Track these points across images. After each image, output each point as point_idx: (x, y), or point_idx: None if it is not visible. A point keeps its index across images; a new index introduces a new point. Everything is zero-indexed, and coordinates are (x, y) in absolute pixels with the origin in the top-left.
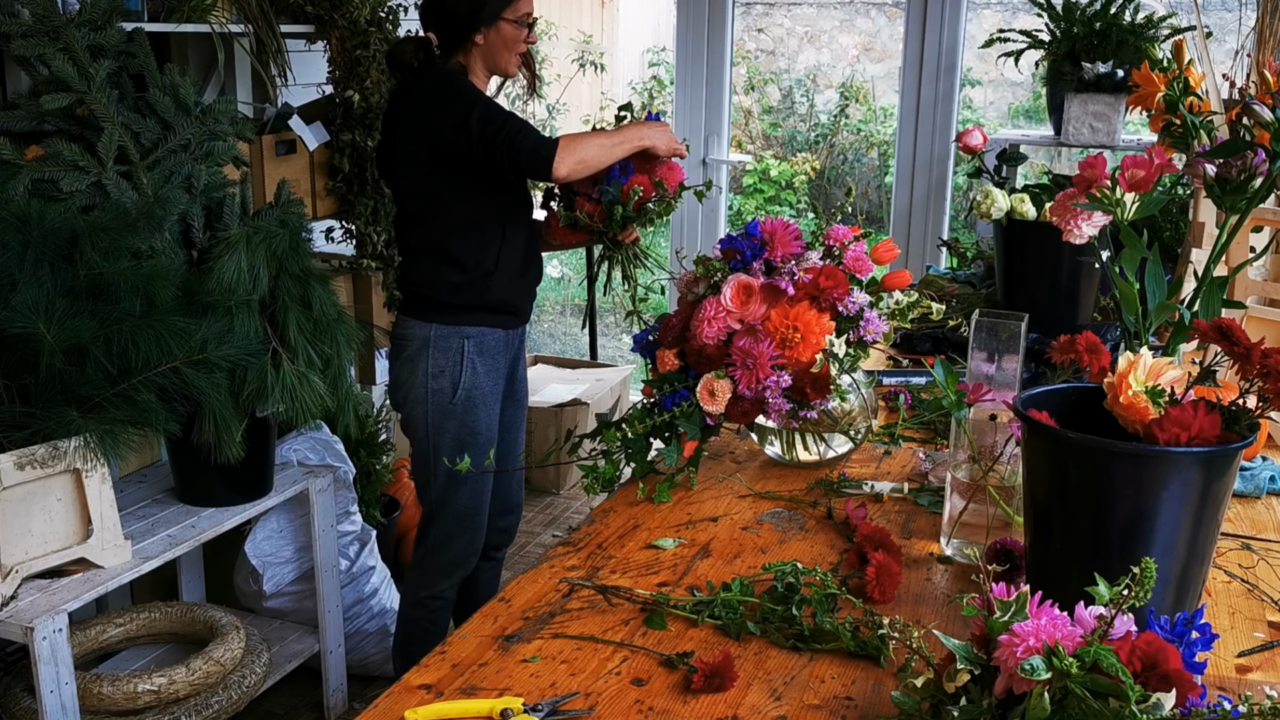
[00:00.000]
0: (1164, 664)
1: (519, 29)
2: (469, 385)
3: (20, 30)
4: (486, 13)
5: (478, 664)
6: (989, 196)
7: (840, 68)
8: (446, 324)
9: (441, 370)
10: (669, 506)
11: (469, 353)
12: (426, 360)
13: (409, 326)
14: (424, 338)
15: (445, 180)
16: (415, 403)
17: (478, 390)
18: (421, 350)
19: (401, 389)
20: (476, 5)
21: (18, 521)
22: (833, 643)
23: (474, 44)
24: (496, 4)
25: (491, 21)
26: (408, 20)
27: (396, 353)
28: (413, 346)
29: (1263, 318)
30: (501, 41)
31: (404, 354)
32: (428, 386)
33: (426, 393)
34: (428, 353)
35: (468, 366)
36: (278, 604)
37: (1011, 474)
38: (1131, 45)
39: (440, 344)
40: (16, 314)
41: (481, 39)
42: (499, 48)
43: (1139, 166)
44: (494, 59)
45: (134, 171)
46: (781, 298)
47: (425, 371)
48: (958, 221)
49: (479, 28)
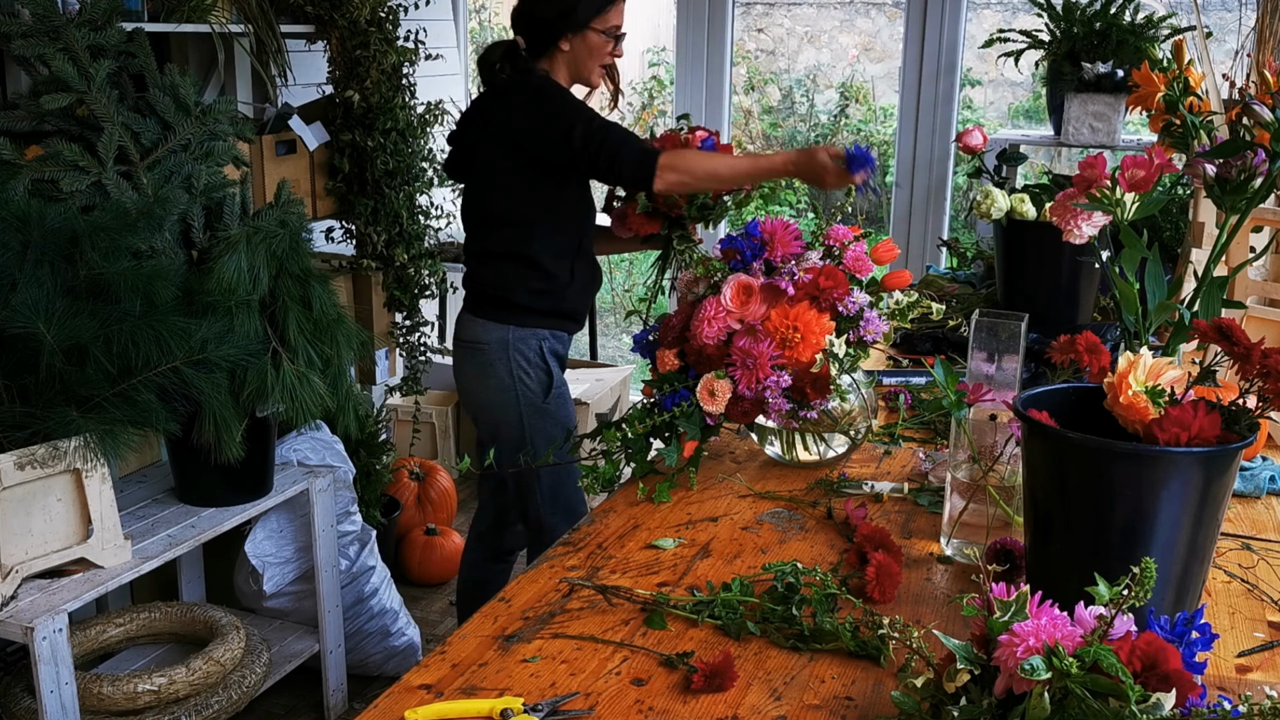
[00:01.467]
0: (1164, 664)
1: (606, 40)
2: (558, 384)
3: (20, 30)
4: (575, 19)
5: (478, 664)
6: (989, 196)
7: (840, 68)
8: (523, 326)
9: (526, 372)
10: (669, 506)
11: (548, 354)
12: (509, 362)
13: (483, 328)
14: (501, 340)
15: (537, 187)
16: (505, 406)
17: (564, 387)
18: (500, 352)
19: (483, 390)
20: (565, 10)
21: (18, 521)
22: (833, 643)
23: (559, 50)
24: (586, 12)
25: (579, 29)
26: (408, 20)
27: (466, 354)
28: (490, 349)
29: (1263, 318)
30: (587, 50)
31: (479, 356)
32: (516, 390)
33: (517, 396)
34: (508, 354)
35: (551, 367)
36: (278, 604)
37: (1011, 474)
38: (1131, 45)
39: (519, 345)
40: (16, 314)
41: (567, 46)
42: (584, 56)
43: (1139, 166)
44: (579, 67)
45: (134, 171)
46: (781, 298)
47: (510, 374)
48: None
49: (566, 34)
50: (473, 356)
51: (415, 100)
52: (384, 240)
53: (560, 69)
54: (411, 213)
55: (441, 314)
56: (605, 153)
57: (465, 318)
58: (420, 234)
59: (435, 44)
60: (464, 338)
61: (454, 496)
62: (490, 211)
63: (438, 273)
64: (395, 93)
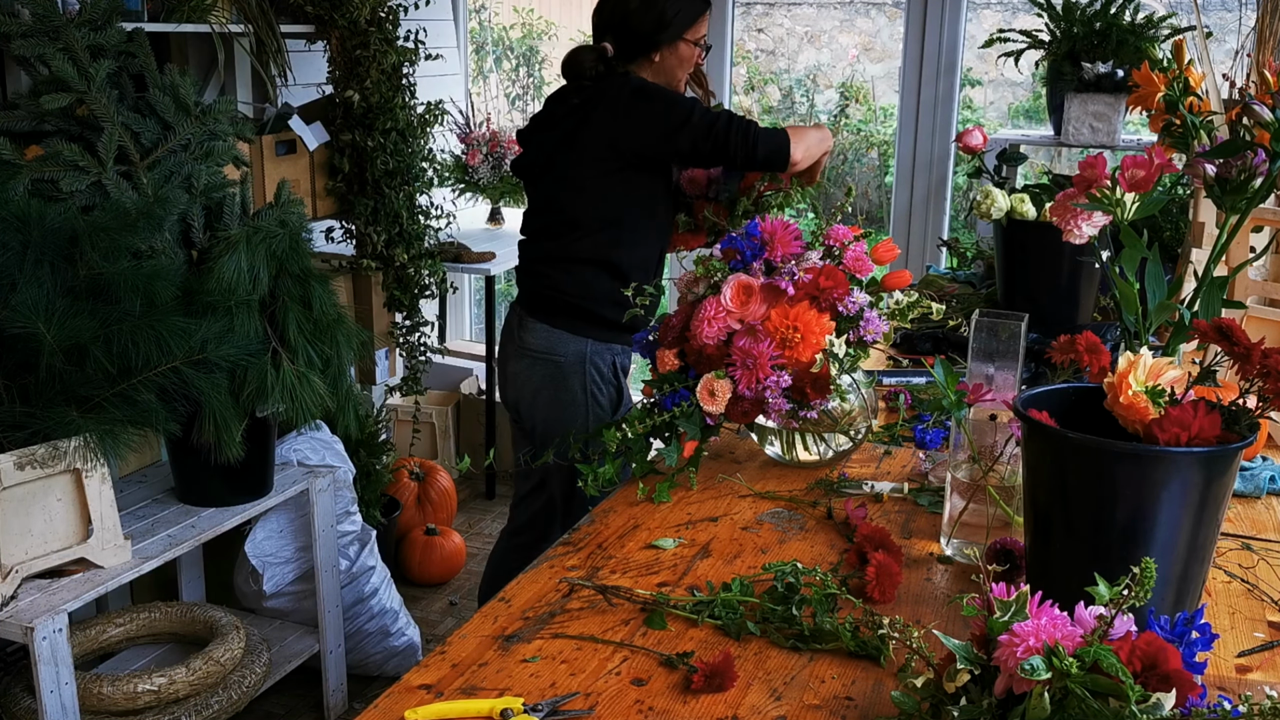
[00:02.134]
0: (1164, 664)
1: (695, 49)
2: (627, 400)
3: (20, 30)
4: (670, 32)
5: (478, 664)
6: (989, 196)
7: (840, 68)
8: (600, 341)
9: (599, 388)
10: (669, 506)
11: (619, 369)
12: (584, 377)
13: (560, 340)
14: (579, 353)
15: (634, 193)
16: (575, 422)
17: (630, 405)
18: (576, 366)
19: (552, 404)
20: (662, 24)
21: (18, 521)
22: (833, 643)
23: (651, 60)
24: (680, 25)
25: (673, 40)
26: (408, 20)
27: (536, 364)
28: (566, 362)
29: (1263, 318)
30: (678, 60)
31: (552, 369)
32: (588, 406)
33: (587, 411)
34: (584, 369)
35: (621, 382)
36: (278, 604)
37: (1011, 474)
38: (1131, 45)
39: (595, 360)
40: (16, 314)
41: (659, 56)
42: (674, 66)
43: (1139, 166)
44: (669, 76)
45: (134, 171)
46: (781, 298)
47: (584, 389)
48: (958, 221)
49: (660, 46)
50: (544, 368)
51: (415, 100)
52: (384, 240)
53: (648, 76)
54: (411, 213)
55: (441, 314)
56: (737, 131)
57: (533, 325)
58: (420, 234)
59: (435, 44)
60: (535, 347)
61: (454, 496)
62: (576, 216)
63: (438, 273)
64: (395, 93)
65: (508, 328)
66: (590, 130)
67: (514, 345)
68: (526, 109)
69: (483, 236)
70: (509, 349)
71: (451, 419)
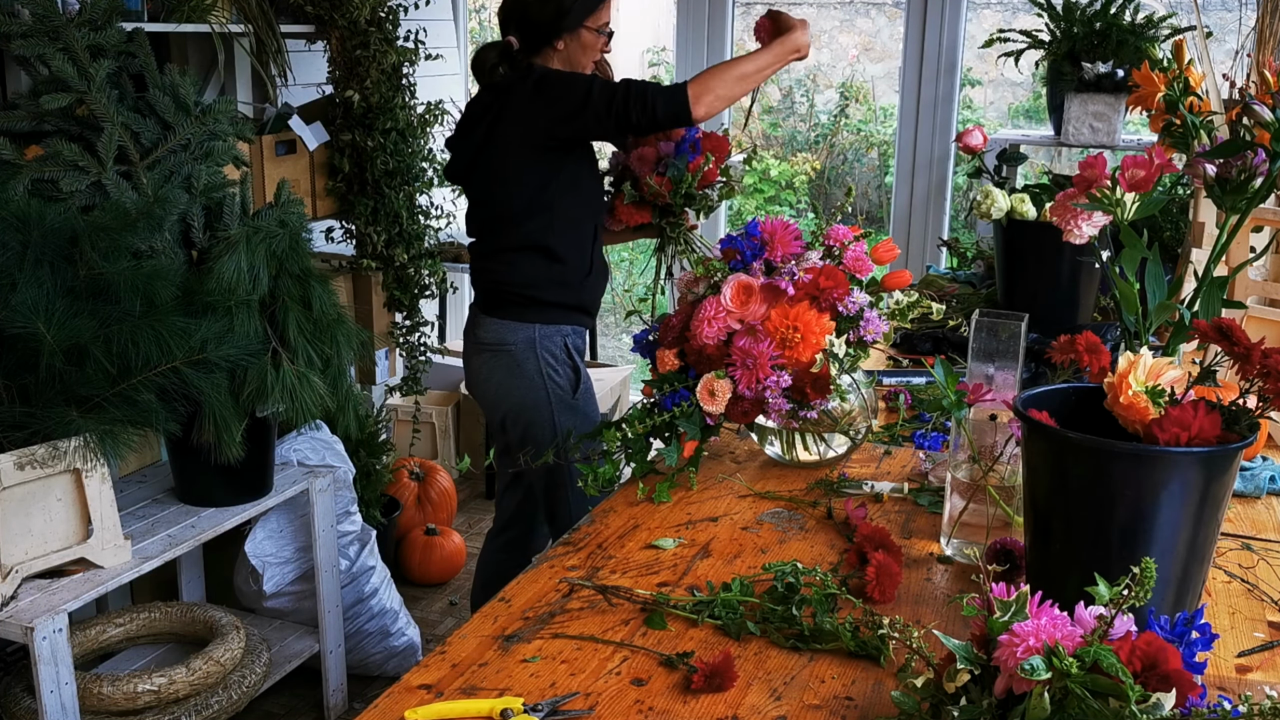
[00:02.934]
0: (1164, 664)
1: (598, 36)
2: (585, 379)
3: (20, 30)
4: (569, 20)
5: (478, 664)
6: (989, 196)
7: (840, 68)
8: (548, 324)
9: (554, 369)
10: (669, 506)
11: (571, 349)
12: (537, 361)
13: (508, 329)
14: (528, 339)
15: (557, 176)
16: (537, 406)
17: (589, 383)
18: (528, 352)
19: (512, 393)
20: (561, 12)
21: (18, 521)
22: (833, 643)
23: (554, 49)
24: (579, 12)
25: (574, 29)
26: (408, 20)
27: (490, 357)
28: (517, 349)
29: (1263, 318)
30: (580, 48)
31: (505, 358)
32: (547, 388)
33: (548, 394)
34: (536, 354)
35: (576, 362)
36: (278, 604)
37: (1011, 474)
38: (1131, 45)
39: (545, 344)
40: (16, 314)
41: (562, 45)
42: (578, 54)
43: (1139, 166)
44: (572, 64)
45: (134, 171)
46: (781, 298)
47: (540, 373)
48: (958, 221)
49: (561, 34)
50: (498, 359)
51: (415, 100)
52: (384, 240)
53: (554, 66)
54: (411, 213)
55: (441, 314)
56: (634, 99)
57: (484, 320)
58: (420, 234)
59: (435, 44)
60: (486, 341)
61: (454, 496)
62: (506, 208)
63: (438, 273)
64: (395, 93)
65: (466, 329)
66: (504, 125)
67: (471, 343)
68: None
69: None
70: (468, 348)
71: (451, 419)
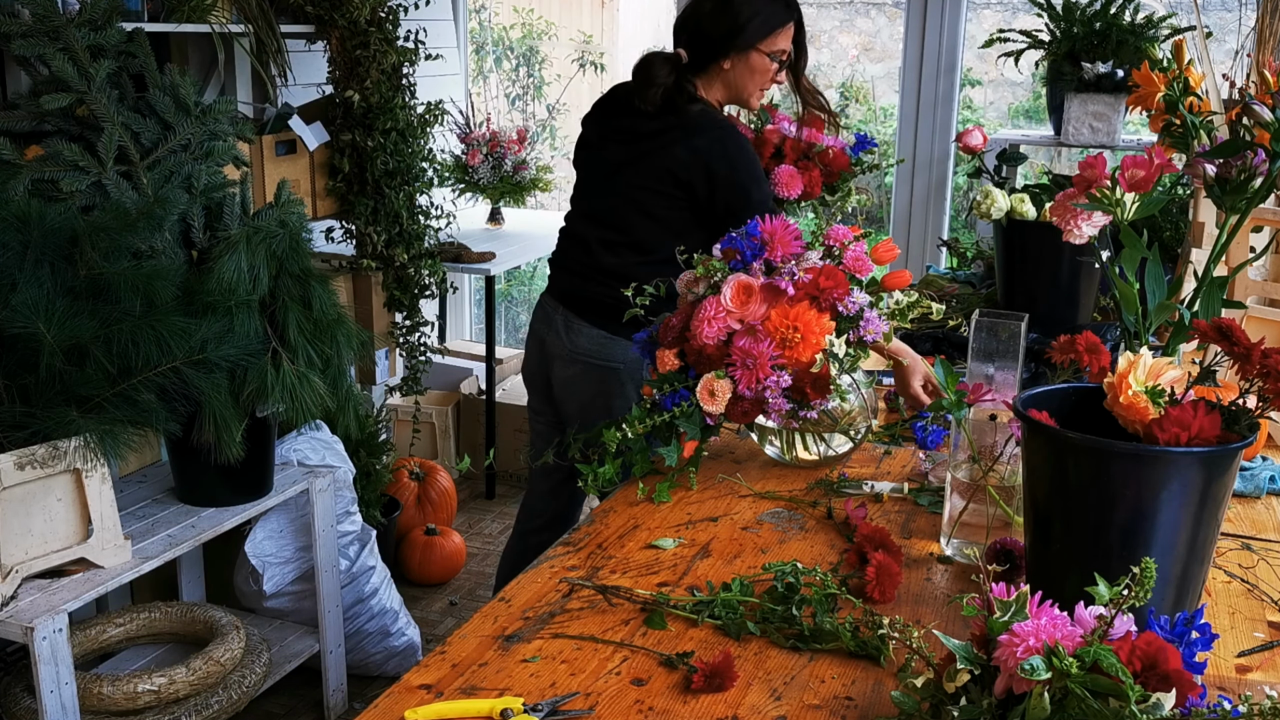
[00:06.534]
0: (1164, 664)
1: (770, 63)
2: None
3: (20, 30)
4: (742, 40)
5: (478, 664)
6: (989, 196)
7: (840, 68)
8: None
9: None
10: (669, 506)
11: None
12: (638, 382)
13: (621, 347)
14: (636, 360)
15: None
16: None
17: None
18: (634, 372)
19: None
20: (735, 29)
21: (18, 521)
22: (833, 643)
23: (720, 68)
24: (754, 33)
25: (744, 50)
26: (408, 20)
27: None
28: (625, 369)
29: (1263, 318)
30: (749, 71)
31: (611, 375)
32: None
33: None
34: (638, 375)
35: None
36: (278, 604)
37: (1011, 474)
38: (1131, 45)
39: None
40: (16, 314)
41: (729, 65)
42: (745, 77)
43: (1139, 166)
44: (738, 88)
45: (134, 171)
46: (781, 298)
47: (638, 393)
48: (958, 221)
49: (730, 53)
50: (600, 374)
51: (415, 100)
52: (384, 240)
53: (716, 87)
54: (411, 213)
55: (441, 314)
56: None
57: (595, 334)
58: (420, 234)
59: (435, 44)
60: (589, 352)
61: (454, 496)
62: (646, 239)
63: (438, 273)
64: (395, 93)
65: (549, 325)
66: (660, 155)
67: (561, 347)
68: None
69: (483, 236)
70: (554, 349)
71: (451, 419)
